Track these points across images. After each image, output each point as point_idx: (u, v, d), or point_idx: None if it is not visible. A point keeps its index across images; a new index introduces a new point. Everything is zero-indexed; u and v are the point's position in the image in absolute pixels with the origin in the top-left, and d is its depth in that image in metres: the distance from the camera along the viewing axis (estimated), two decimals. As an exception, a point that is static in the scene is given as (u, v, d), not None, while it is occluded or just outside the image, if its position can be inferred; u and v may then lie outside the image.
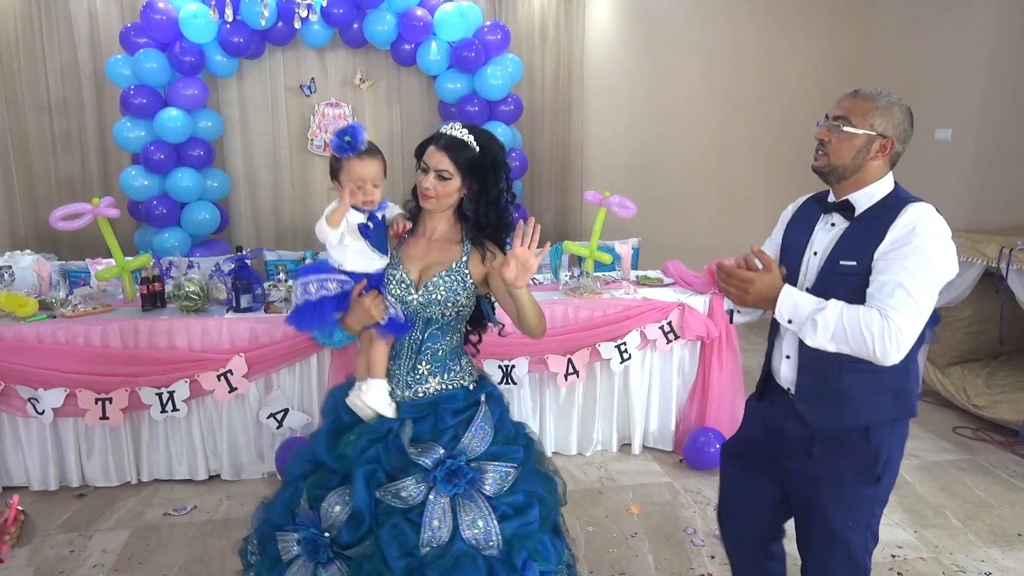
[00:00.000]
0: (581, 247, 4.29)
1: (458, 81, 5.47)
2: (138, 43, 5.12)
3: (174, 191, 5.24)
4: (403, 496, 1.91)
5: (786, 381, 2.02)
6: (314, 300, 2.00)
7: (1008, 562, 3.09)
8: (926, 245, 1.78)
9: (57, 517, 3.42)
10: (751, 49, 6.34)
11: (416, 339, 2.06)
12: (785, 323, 1.84)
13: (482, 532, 1.89)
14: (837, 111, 1.90)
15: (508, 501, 1.95)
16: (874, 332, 1.72)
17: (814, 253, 1.96)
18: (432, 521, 1.88)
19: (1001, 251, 4.18)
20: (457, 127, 2.01)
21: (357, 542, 1.90)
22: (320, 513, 1.96)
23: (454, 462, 1.92)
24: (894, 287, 1.75)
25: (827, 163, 1.91)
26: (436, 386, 2.07)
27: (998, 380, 4.63)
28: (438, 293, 2.01)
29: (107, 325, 3.50)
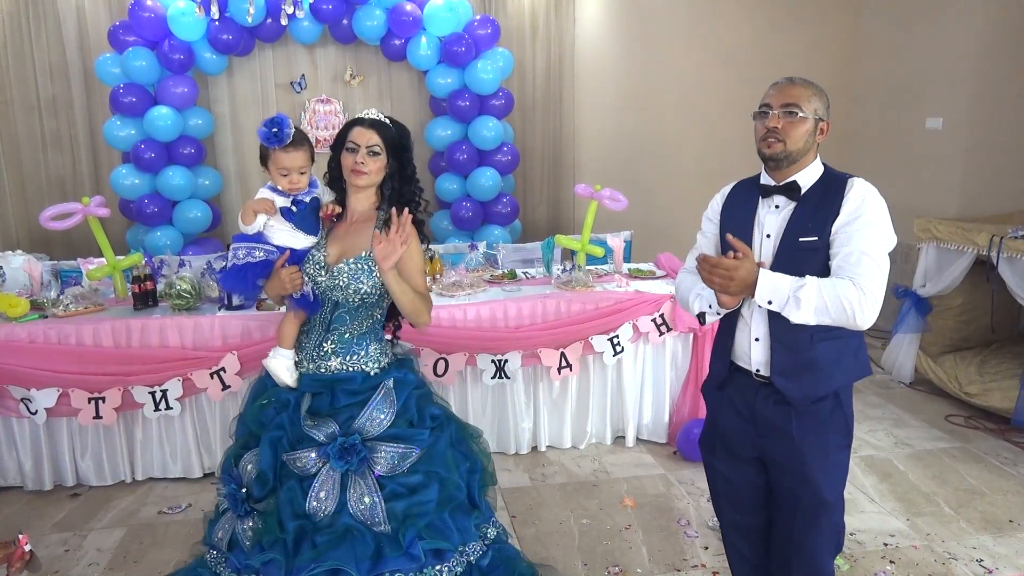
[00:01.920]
0: (573, 241, 4.29)
1: (449, 76, 5.46)
2: (127, 41, 5.10)
3: (165, 189, 5.23)
4: (299, 465, 2.07)
5: (756, 363, 2.08)
6: (240, 264, 2.17)
7: (1000, 549, 3.11)
8: (877, 214, 1.94)
9: (52, 517, 3.42)
10: (742, 42, 6.34)
11: (325, 318, 2.21)
12: (765, 304, 1.90)
13: (368, 508, 2.02)
14: (785, 99, 2.00)
15: (401, 481, 2.07)
16: (852, 301, 1.84)
17: (767, 235, 2.05)
18: (319, 492, 2.03)
19: (992, 239, 4.20)
20: (373, 111, 2.21)
21: (263, 498, 2.10)
22: (240, 470, 2.18)
23: (347, 440, 2.05)
24: (860, 256, 1.88)
25: (783, 149, 2.00)
26: (337, 365, 2.20)
27: (990, 368, 4.65)
28: (341, 279, 2.15)
29: (99, 324, 3.49)
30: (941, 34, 5.49)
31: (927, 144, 5.62)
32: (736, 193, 2.22)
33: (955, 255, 4.53)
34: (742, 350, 2.11)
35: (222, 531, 2.18)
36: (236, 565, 2.09)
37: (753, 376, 2.10)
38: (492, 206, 5.69)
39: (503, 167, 5.64)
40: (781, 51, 6.33)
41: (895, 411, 4.57)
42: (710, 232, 2.25)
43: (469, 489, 2.23)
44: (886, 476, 3.74)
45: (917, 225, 4.68)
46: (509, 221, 5.79)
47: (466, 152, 5.53)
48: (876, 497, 3.52)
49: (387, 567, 1.98)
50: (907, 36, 5.84)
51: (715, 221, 2.24)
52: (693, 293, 2.15)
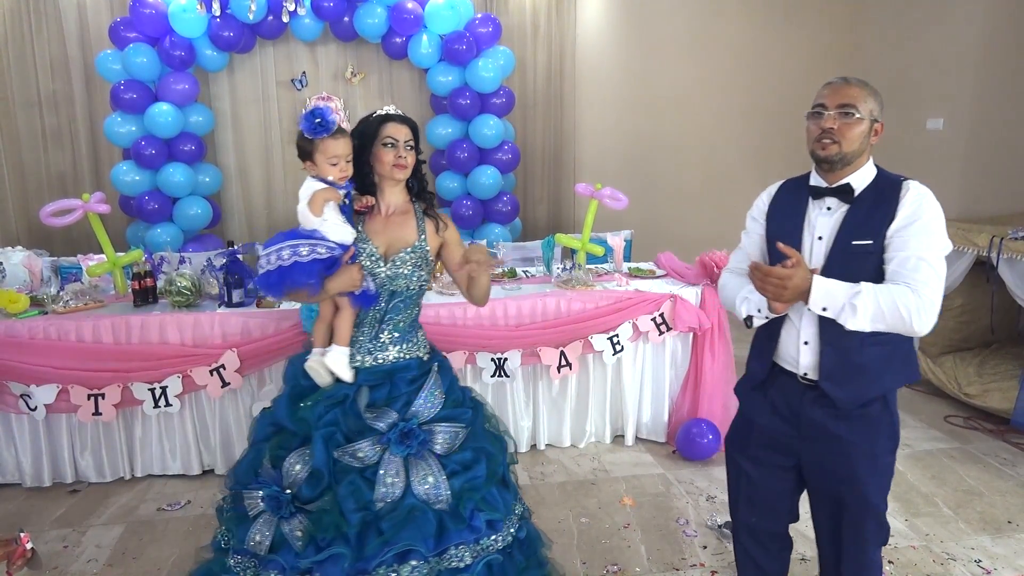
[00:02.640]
0: (573, 239, 4.29)
1: (449, 74, 5.46)
2: (128, 38, 5.10)
3: (166, 186, 5.23)
4: (360, 456, 2.08)
5: (804, 367, 2.04)
6: (305, 261, 2.08)
7: (998, 549, 3.11)
8: (934, 219, 1.90)
9: (51, 513, 3.42)
10: (742, 40, 6.34)
11: (380, 309, 2.23)
12: (819, 311, 1.86)
13: (432, 487, 2.08)
14: (841, 100, 1.95)
15: (457, 459, 2.14)
16: (910, 308, 1.81)
17: (819, 238, 2.01)
18: (386, 478, 2.06)
19: (992, 240, 4.20)
20: (392, 107, 2.24)
21: (316, 497, 2.06)
22: (282, 472, 2.12)
23: (406, 424, 2.11)
24: (917, 262, 1.85)
25: (839, 151, 1.95)
26: (395, 354, 2.25)
27: (989, 369, 4.65)
28: (405, 268, 2.21)
29: (99, 321, 3.49)
30: (942, 35, 5.49)
31: (928, 144, 5.61)
32: (783, 192, 2.16)
33: (955, 256, 4.53)
34: (788, 352, 2.08)
35: (259, 535, 2.09)
36: (283, 565, 2.02)
37: (799, 379, 2.07)
38: (492, 204, 5.69)
39: (504, 165, 5.63)
40: (781, 51, 6.34)
41: (894, 411, 4.56)
42: (756, 232, 2.19)
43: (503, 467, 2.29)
44: (885, 476, 3.74)
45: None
46: (509, 220, 5.79)
47: (467, 150, 5.52)
48: (875, 497, 3.52)
49: (451, 541, 2.05)
50: (908, 37, 5.84)
51: (761, 221, 2.18)
52: (739, 296, 2.09)
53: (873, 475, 2.03)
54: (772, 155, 6.41)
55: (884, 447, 2.04)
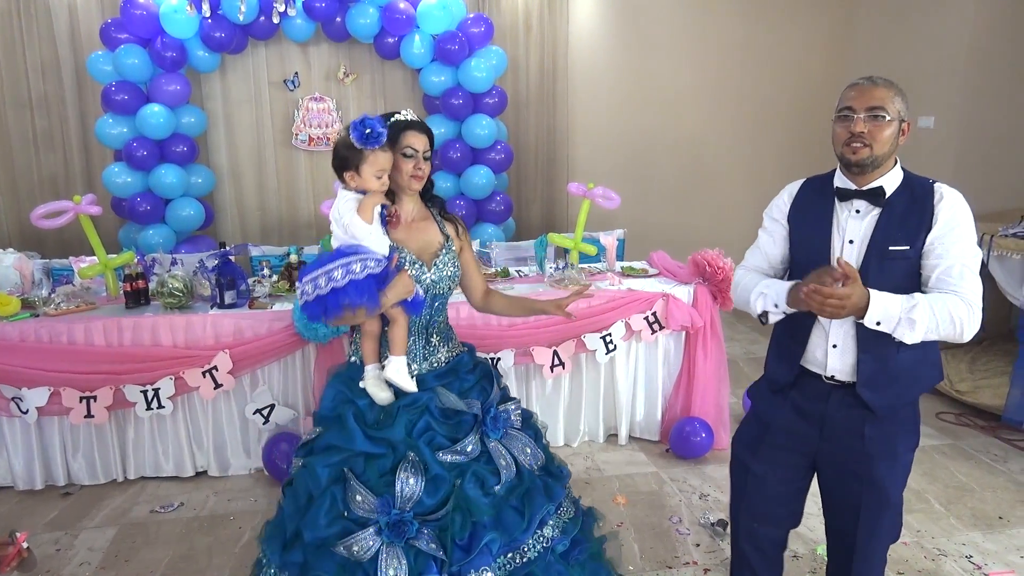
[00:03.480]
0: (566, 239, 4.29)
1: (442, 74, 5.45)
2: (119, 39, 5.08)
3: (158, 187, 5.21)
4: (468, 451, 2.12)
5: (831, 369, 2.03)
6: (360, 279, 2.01)
7: (989, 545, 3.13)
8: (971, 225, 1.91)
9: (43, 516, 3.41)
10: (735, 39, 6.35)
11: (425, 315, 2.24)
12: (873, 325, 1.84)
13: (531, 456, 2.22)
14: (871, 102, 1.90)
15: (529, 428, 2.31)
16: (963, 318, 1.82)
17: (850, 241, 1.97)
18: (501, 461, 2.14)
19: (982, 237, 4.22)
20: (410, 112, 2.20)
21: (441, 503, 2.04)
22: (394, 494, 2.01)
23: (493, 410, 2.21)
24: (962, 269, 1.86)
25: (870, 155, 1.91)
26: (445, 354, 2.29)
27: (980, 366, 4.68)
28: (448, 269, 2.25)
29: (90, 323, 3.48)
30: (933, 33, 5.52)
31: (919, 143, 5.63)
32: (807, 193, 2.12)
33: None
34: (814, 356, 2.05)
35: (392, 569, 1.95)
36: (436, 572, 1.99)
37: (824, 380, 2.05)
38: (485, 204, 5.69)
39: (496, 165, 5.63)
40: (774, 49, 6.36)
41: (886, 409, 4.58)
42: (778, 233, 2.15)
43: None
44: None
45: (908, 223, 4.69)
46: (503, 219, 5.79)
47: (459, 150, 5.52)
48: (867, 494, 3.54)
49: (560, 497, 2.21)
50: (899, 35, 5.87)
51: (782, 221, 2.14)
52: (755, 292, 2.05)
53: (893, 473, 2.04)
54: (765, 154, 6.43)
55: (906, 445, 2.06)
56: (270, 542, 2.13)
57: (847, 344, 1.99)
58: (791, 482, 2.18)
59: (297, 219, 6.07)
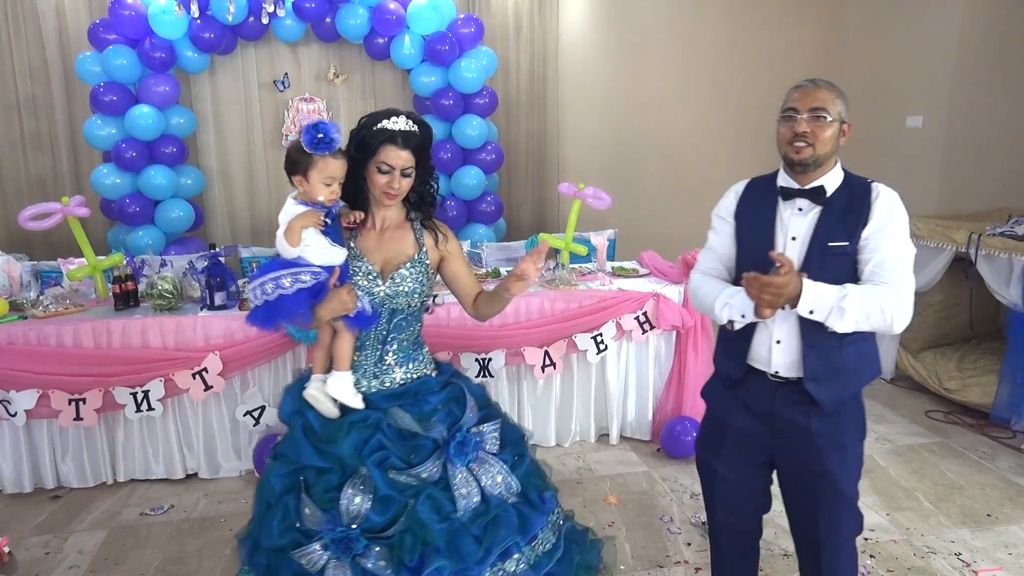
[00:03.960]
0: (557, 239, 4.30)
1: (432, 75, 5.45)
2: (107, 39, 5.06)
3: (147, 189, 5.19)
4: (424, 477, 2.02)
5: (776, 365, 2.07)
6: (290, 294, 1.96)
7: (977, 542, 3.15)
8: (904, 220, 1.98)
9: (32, 519, 3.39)
10: (725, 41, 6.37)
11: (382, 330, 2.13)
12: (806, 314, 1.90)
13: (503, 485, 2.10)
14: (812, 103, 1.98)
15: (508, 452, 2.18)
16: (893, 308, 1.88)
17: (792, 238, 2.04)
18: (461, 490, 2.03)
19: (970, 237, 4.24)
20: (403, 120, 2.05)
21: (390, 523, 1.98)
22: (339, 511, 1.98)
23: (460, 434, 2.07)
24: (895, 262, 1.92)
25: (812, 154, 1.98)
26: (402, 376, 2.17)
27: (969, 364, 4.71)
28: (405, 285, 2.11)
29: (79, 325, 3.47)
30: (922, 33, 5.54)
31: (908, 142, 5.67)
32: (752, 192, 2.18)
33: (934, 252, 4.58)
34: (759, 352, 2.10)
35: None
36: None
37: (769, 377, 2.10)
38: (476, 205, 5.69)
39: (487, 166, 5.63)
40: (763, 50, 6.38)
41: (876, 407, 4.61)
42: (725, 232, 2.20)
43: None
44: (867, 471, 3.71)
45: (897, 223, 4.71)
46: (493, 220, 5.79)
47: (450, 151, 5.52)
48: (857, 492, 3.56)
49: (536, 527, 2.10)
50: (888, 35, 5.90)
51: (729, 220, 2.19)
52: (720, 301, 2.07)
53: (844, 466, 2.08)
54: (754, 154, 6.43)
55: (853, 437, 2.11)
56: (243, 542, 2.17)
57: (791, 340, 2.03)
58: (755, 478, 2.23)
59: (287, 220, 6.04)
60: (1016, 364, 4.09)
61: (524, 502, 2.13)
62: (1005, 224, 4.26)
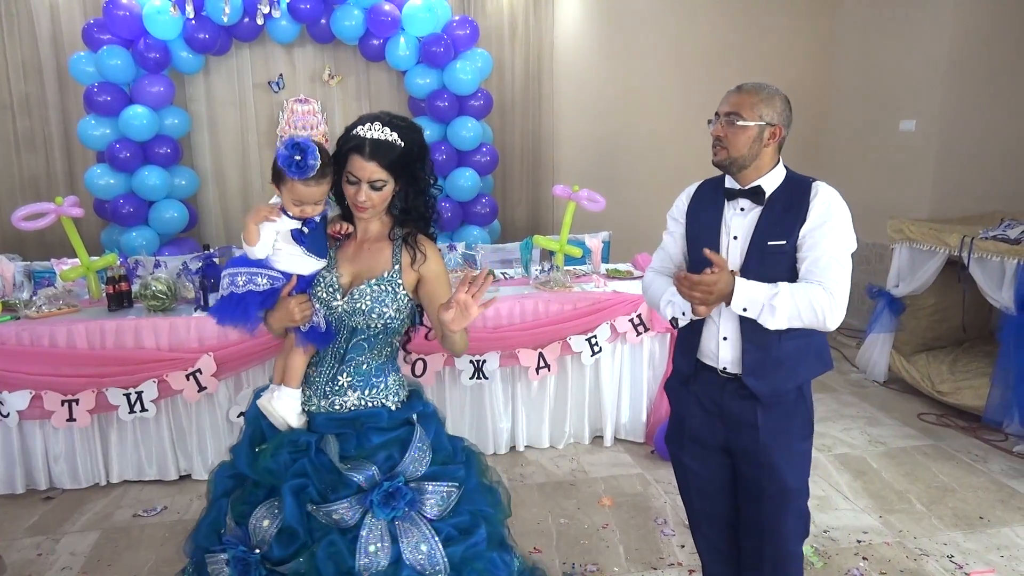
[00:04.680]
0: (551, 241, 4.30)
1: (427, 76, 5.45)
2: (101, 40, 5.04)
3: (141, 189, 5.17)
4: (335, 519, 1.82)
5: (723, 361, 2.13)
6: (240, 293, 1.87)
7: (970, 545, 3.16)
8: (842, 219, 2.00)
9: (24, 520, 3.38)
10: (719, 44, 6.39)
11: (340, 348, 1.95)
12: (740, 311, 1.95)
13: (426, 556, 1.81)
14: (727, 108, 2.05)
15: (453, 523, 1.88)
16: (824, 306, 1.91)
17: (734, 237, 2.09)
18: (369, 546, 1.79)
19: (963, 240, 4.26)
20: (376, 127, 1.85)
21: (290, 557, 1.82)
22: (248, 529, 1.86)
23: (392, 484, 1.82)
24: (828, 261, 1.95)
25: (727, 156, 2.05)
26: (355, 401, 1.95)
27: (961, 367, 4.72)
28: (363, 303, 1.90)
29: (73, 326, 3.45)
30: (915, 38, 5.57)
31: (901, 146, 5.69)
32: (701, 194, 2.25)
33: (927, 255, 4.60)
34: (708, 348, 2.16)
35: None
36: None
37: (719, 373, 2.15)
38: (471, 207, 5.69)
39: (482, 168, 5.64)
40: (757, 53, 6.40)
41: (869, 410, 4.62)
42: (677, 232, 2.28)
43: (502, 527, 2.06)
44: (860, 474, 3.79)
45: (890, 226, 4.74)
46: (488, 222, 5.80)
47: (445, 152, 5.52)
48: (850, 495, 3.57)
49: None
50: (881, 39, 5.92)
51: (681, 220, 2.27)
52: (664, 299, 2.17)
53: (788, 459, 2.11)
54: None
55: (798, 433, 2.14)
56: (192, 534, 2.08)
57: (735, 336, 2.09)
58: (721, 467, 2.26)
59: (281, 221, 6.03)
60: (1008, 367, 4.11)
61: None
62: (997, 227, 4.28)
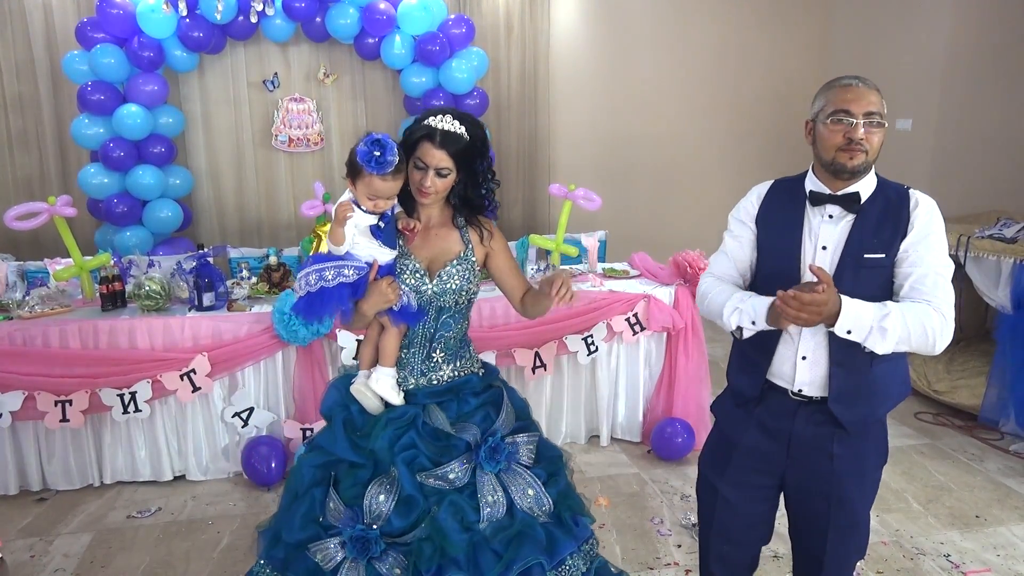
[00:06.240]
0: (547, 240, 4.29)
1: (423, 75, 5.44)
2: (95, 38, 5.02)
3: (135, 189, 5.15)
4: (451, 479, 1.97)
5: (800, 383, 1.94)
6: (331, 287, 1.97)
7: (967, 544, 3.16)
8: (943, 231, 1.86)
9: (17, 522, 3.36)
10: (716, 42, 6.38)
11: (429, 328, 2.10)
12: (843, 334, 1.76)
13: (534, 500, 2.02)
14: (867, 107, 1.82)
15: (542, 468, 2.09)
16: (936, 328, 1.75)
17: (822, 247, 1.90)
18: (488, 497, 1.97)
19: (959, 239, 4.26)
20: (447, 119, 2.01)
21: (410, 527, 1.93)
22: (362, 508, 1.95)
23: (493, 439, 2.01)
24: (935, 279, 1.80)
25: (865, 160, 1.84)
26: (449, 373, 2.14)
27: (957, 366, 4.72)
28: (452, 282, 2.08)
29: (66, 326, 3.43)
30: (911, 37, 5.57)
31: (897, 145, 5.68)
32: (776, 195, 2.02)
33: (924, 254, 4.59)
34: (782, 368, 1.96)
35: None
36: None
37: (790, 395, 1.96)
38: (467, 206, 5.67)
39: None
40: (754, 52, 6.40)
41: (865, 409, 4.62)
42: (745, 237, 2.04)
43: None
44: (856, 473, 3.78)
45: (887, 225, 4.73)
46: (484, 221, 5.78)
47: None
48: (846, 494, 3.56)
49: (564, 551, 1.98)
50: (878, 38, 5.92)
51: (750, 225, 2.03)
52: (729, 306, 1.94)
53: (861, 491, 1.99)
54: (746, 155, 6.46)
55: (873, 463, 2.01)
56: (264, 534, 2.14)
57: (818, 356, 1.90)
58: (760, 502, 2.10)
59: (277, 221, 6.03)
60: (1004, 366, 4.11)
61: (556, 523, 2.01)
62: (994, 226, 4.28)
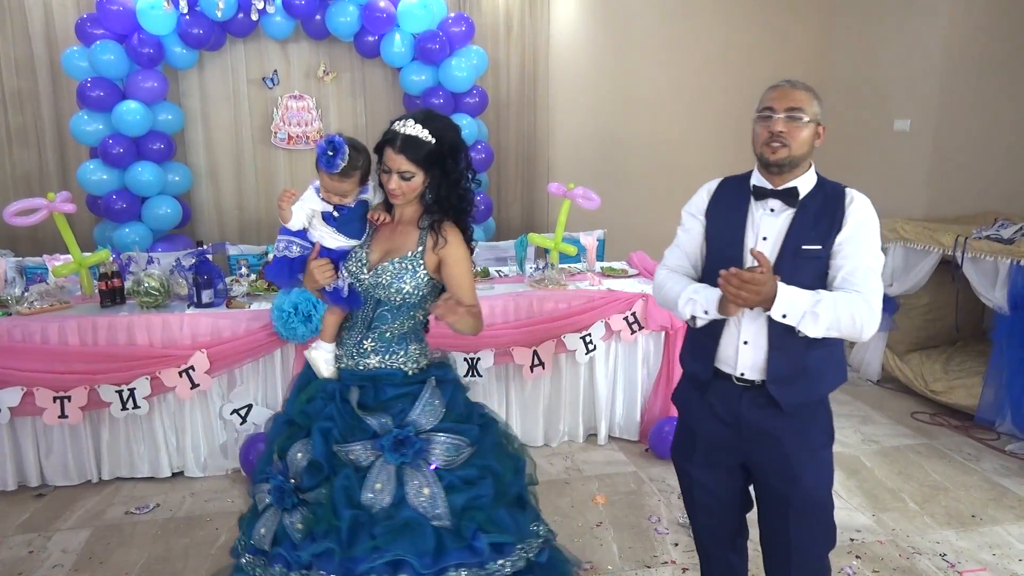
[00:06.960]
0: (546, 239, 4.30)
1: (423, 73, 5.44)
2: (95, 35, 5.01)
3: (134, 185, 5.15)
4: (352, 458, 2.06)
5: (742, 367, 2.04)
6: (279, 256, 2.23)
7: (962, 543, 3.17)
8: (876, 229, 1.98)
9: (15, 518, 3.36)
10: (715, 41, 6.39)
11: (367, 316, 2.20)
12: (779, 318, 1.87)
13: (428, 500, 2.00)
14: (789, 103, 1.97)
15: (459, 475, 2.06)
16: (864, 317, 1.87)
17: (763, 239, 2.02)
18: (374, 484, 2.01)
19: (957, 239, 4.27)
20: (410, 124, 2.06)
21: (314, 487, 2.06)
22: (287, 462, 2.14)
23: (402, 432, 2.04)
24: (865, 271, 1.92)
25: (788, 154, 1.97)
26: (376, 364, 2.20)
27: (954, 366, 4.74)
28: (384, 278, 2.14)
29: (65, 322, 3.43)
30: (909, 38, 5.57)
31: (895, 145, 5.69)
32: (724, 191, 2.17)
33: (921, 255, 4.61)
34: (726, 353, 2.07)
35: (264, 528, 2.10)
36: (286, 559, 2.00)
37: (735, 380, 2.07)
38: (466, 204, 5.67)
39: (477, 165, 5.62)
40: (752, 53, 6.39)
41: (862, 408, 4.63)
42: (695, 229, 2.17)
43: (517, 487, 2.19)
44: (853, 472, 3.79)
45: (884, 225, 4.72)
46: (483, 219, 5.78)
47: (440, 150, 5.50)
48: (843, 493, 3.57)
49: (450, 561, 1.95)
50: (876, 39, 5.92)
51: (700, 218, 2.17)
52: (684, 297, 2.05)
53: (813, 469, 2.06)
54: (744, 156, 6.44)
55: (821, 441, 2.09)
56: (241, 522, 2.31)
57: (758, 341, 2.01)
58: (730, 481, 2.21)
59: (275, 218, 5.90)
60: (1001, 366, 4.12)
61: (452, 532, 1.98)
62: (991, 227, 4.29)
